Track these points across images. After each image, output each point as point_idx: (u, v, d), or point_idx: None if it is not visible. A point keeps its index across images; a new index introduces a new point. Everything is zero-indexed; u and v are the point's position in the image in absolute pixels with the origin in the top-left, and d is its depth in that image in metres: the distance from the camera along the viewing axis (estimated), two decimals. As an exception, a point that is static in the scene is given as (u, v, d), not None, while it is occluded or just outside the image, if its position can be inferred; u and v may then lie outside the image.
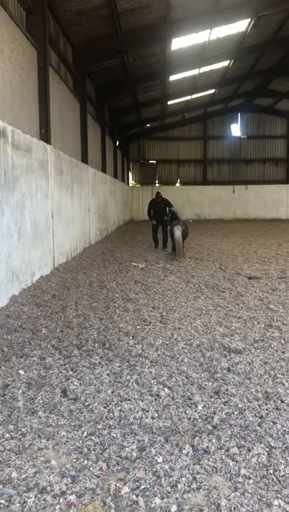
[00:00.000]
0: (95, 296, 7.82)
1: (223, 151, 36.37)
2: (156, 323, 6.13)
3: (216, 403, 3.79)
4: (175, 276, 9.71)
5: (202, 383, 4.18)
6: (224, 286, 8.61)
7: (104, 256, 13.02)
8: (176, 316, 6.50)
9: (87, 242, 14.89)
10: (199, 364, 4.67)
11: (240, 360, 4.75)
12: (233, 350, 5.07)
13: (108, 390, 4.04)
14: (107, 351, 5.03)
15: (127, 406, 3.73)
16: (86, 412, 3.67)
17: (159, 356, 4.88)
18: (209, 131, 36.11)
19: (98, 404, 3.77)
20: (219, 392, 4.00)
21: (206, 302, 7.39)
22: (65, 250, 11.45)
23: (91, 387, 4.10)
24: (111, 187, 22.25)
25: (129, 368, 4.55)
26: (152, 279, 9.44)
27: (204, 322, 6.20)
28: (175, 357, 4.86)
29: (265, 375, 4.38)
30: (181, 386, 4.13)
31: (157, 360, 4.76)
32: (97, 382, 4.19)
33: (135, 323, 6.13)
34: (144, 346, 5.19)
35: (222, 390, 4.01)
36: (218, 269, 10.72)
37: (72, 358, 4.83)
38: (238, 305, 7.19)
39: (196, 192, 34.98)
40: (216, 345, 5.23)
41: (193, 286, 8.64)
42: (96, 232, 16.98)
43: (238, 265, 11.16)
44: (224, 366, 4.58)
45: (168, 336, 5.60)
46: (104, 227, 19.56)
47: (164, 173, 36.60)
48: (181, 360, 4.77)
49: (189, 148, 36.28)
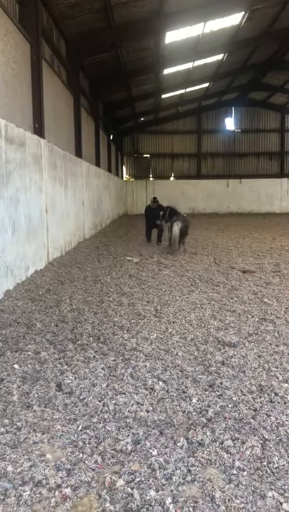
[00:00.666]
0: (89, 291, 7.81)
1: (218, 145, 36.34)
2: (150, 317, 6.14)
3: (211, 396, 3.81)
4: (169, 271, 9.71)
5: (196, 377, 4.19)
6: (218, 280, 8.63)
7: (99, 250, 13.00)
8: (170, 310, 6.51)
9: (81, 237, 14.86)
10: (194, 358, 4.69)
11: (235, 353, 4.76)
12: (227, 343, 5.09)
13: (103, 383, 4.04)
14: (102, 345, 5.04)
15: (122, 399, 3.74)
16: (81, 406, 3.67)
17: (153, 350, 4.89)
18: (203, 124, 36.06)
19: (93, 398, 3.78)
20: (213, 385, 4.02)
21: (200, 296, 7.41)
22: (59, 245, 11.43)
23: (86, 381, 4.11)
24: (105, 181, 22.18)
25: (123, 361, 4.56)
26: (147, 273, 9.44)
27: (198, 316, 6.22)
28: (169, 351, 4.87)
29: (259, 368, 4.40)
30: (176, 379, 4.14)
31: (152, 354, 4.77)
32: (92, 376, 4.20)
33: (130, 317, 6.14)
34: (139, 340, 5.19)
35: (216, 384, 4.03)
36: (213, 263, 10.74)
37: (67, 352, 4.83)
38: (232, 299, 7.21)
39: (191, 186, 34.99)
40: (211, 339, 5.25)
41: (187, 280, 8.65)
42: (90, 226, 16.94)
43: (232, 259, 11.18)
44: (218, 360, 4.60)
45: (162, 329, 5.61)
46: (99, 221, 19.52)
47: (158, 167, 36.53)
48: (175, 353, 4.78)
49: (183, 142, 36.22)
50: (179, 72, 23.43)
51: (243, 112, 35.87)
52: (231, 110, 35.89)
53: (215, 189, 35.13)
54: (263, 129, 35.99)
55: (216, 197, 35.07)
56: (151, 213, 14.45)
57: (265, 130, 36.00)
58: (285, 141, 36.01)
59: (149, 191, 34.63)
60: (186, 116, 35.48)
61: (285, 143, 36.03)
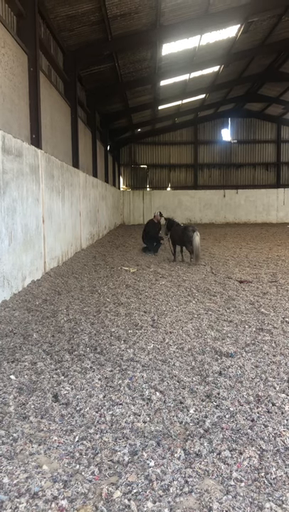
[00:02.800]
0: (86, 301, 7.81)
1: (214, 156, 36.57)
2: (147, 328, 6.14)
3: (208, 407, 3.80)
4: (166, 281, 9.72)
5: (194, 387, 4.19)
6: (215, 290, 8.64)
7: (96, 260, 13.01)
8: (167, 320, 6.52)
9: (78, 247, 14.88)
10: (191, 368, 4.69)
11: (232, 363, 4.77)
12: (224, 353, 5.10)
13: (100, 394, 4.04)
14: (99, 356, 5.03)
15: (119, 410, 3.74)
16: (78, 417, 3.66)
17: (150, 360, 4.89)
18: (200, 135, 36.31)
19: (90, 409, 3.77)
20: (211, 395, 4.02)
21: (197, 306, 7.42)
22: (56, 255, 11.43)
23: (83, 391, 4.10)
24: (102, 191, 22.26)
25: (120, 372, 4.56)
26: (144, 283, 9.46)
27: (196, 326, 6.23)
28: (167, 361, 4.87)
29: (257, 378, 4.40)
30: (173, 390, 4.14)
31: (149, 365, 4.77)
32: (88, 387, 4.19)
33: (127, 328, 6.14)
34: (136, 350, 5.19)
35: (214, 394, 4.03)
36: (210, 273, 10.76)
37: (63, 362, 4.82)
38: (229, 309, 7.23)
39: (188, 196, 35.13)
40: (208, 349, 5.25)
41: (184, 290, 8.66)
42: (87, 236, 16.97)
43: (229, 269, 11.21)
44: (216, 370, 4.60)
45: (159, 340, 5.61)
46: (96, 231, 19.56)
47: (155, 178, 36.70)
48: (172, 364, 4.78)
49: (180, 153, 36.44)
50: (175, 84, 23.66)
51: (239, 123, 36.17)
52: (228, 121, 36.18)
53: (212, 199, 35.28)
54: (259, 140, 36.27)
55: (213, 207, 35.22)
56: (152, 228, 14.50)
57: (262, 141, 36.28)
58: (281, 152, 36.29)
59: (146, 201, 34.79)
60: (183, 127, 35.74)
61: (281, 153, 36.31)
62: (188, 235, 12.06)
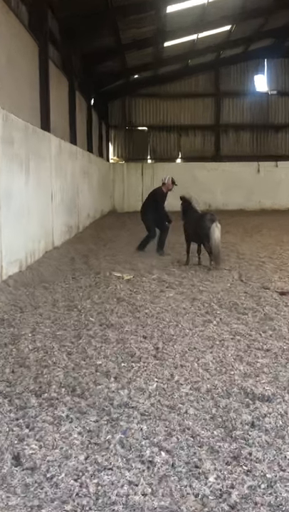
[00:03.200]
0: (60, 321, 7.80)
1: (244, 114, 36.63)
2: (148, 359, 6.13)
3: (235, 473, 3.79)
4: (176, 292, 9.71)
5: (215, 444, 4.18)
6: (246, 306, 8.63)
7: (75, 263, 13.00)
8: (177, 349, 6.50)
9: (49, 243, 14.87)
10: (210, 417, 4.68)
11: (269, 410, 4.76)
12: (258, 396, 5.09)
13: (80, 455, 4.03)
14: (79, 400, 5.02)
15: (108, 478, 3.73)
16: (48, 488, 3.65)
17: (152, 406, 4.88)
18: (223, 84, 36.35)
19: (66, 476, 3.76)
20: (239, 456, 4.01)
21: (219, 329, 7.41)
22: (17, 256, 11.42)
23: (55, 451, 4.09)
24: (84, 164, 22.26)
25: (110, 423, 4.54)
26: (143, 295, 9.44)
27: (217, 357, 6.22)
28: (176, 407, 4.86)
29: (305, 431, 4.40)
30: (185, 449, 4.13)
31: (150, 412, 4.76)
32: (64, 445, 4.18)
33: (119, 360, 6.13)
34: (132, 392, 5.19)
35: (243, 454, 4.02)
36: (237, 281, 10.75)
37: (28, 409, 4.82)
38: (265, 332, 7.22)
39: (206, 171, 35.07)
40: (235, 390, 5.24)
41: (201, 306, 8.65)
42: (62, 228, 16.97)
43: (266, 276, 11.19)
44: (246, 420, 4.59)
45: (166, 377, 5.60)
46: (75, 221, 19.55)
47: (159, 145, 36.78)
48: (184, 411, 4.77)
49: (195, 110, 36.50)
50: (189, 10, 23.66)
51: (279, 66, 36.22)
52: (263, 64, 36.24)
53: (240, 176, 35.23)
54: (310, 90, 36.37)
55: (242, 187, 35.14)
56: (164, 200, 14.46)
57: (313, 91, 36.38)
58: None
59: (146, 179, 34.72)
60: (199, 72, 35.78)
61: None
62: (203, 225, 12.00)
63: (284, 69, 36.28)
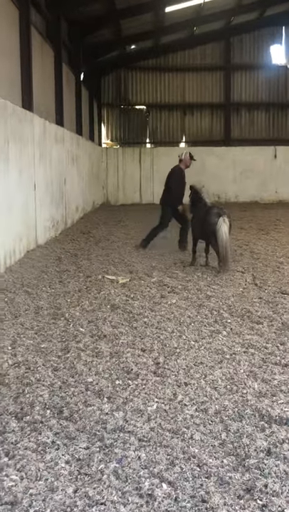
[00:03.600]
0: (45, 332, 7.79)
1: (258, 90, 36.65)
2: (147, 376, 6.12)
3: (248, 508, 3.79)
4: (179, 297, 9.70)
5: (225, 475, 4.18)
6: (260, 314, 8.63)
7: (62, 264, 13.00)
8: (180, 364, 6.49)
9: (32, 241, 14.86)
10: (220, 443, 4.68)
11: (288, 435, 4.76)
12: (275, 419, 5.09)
13: (68, 487, 4.02)
14: (67, 423, 5.02)
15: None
16: (31, 526, 3.66)
17: (152, 431, 4.87)
18: (235, 56, 36.38)
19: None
20: (253, 489, 4.01)
21: (230, 340, 7.40)
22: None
23: (39, 482, 4.09)
24: (72, 149, 22.24)
25: (102, 450, 4.54)
26: (141, 302, 9.43)
27: (228, 373, 6.21)
28: (179, 432, 4.86)
29: None
30: (190, 480, 4.12)
31: (150, 438, 4.75)
32: (49, 475, 4.18)
33: (113, 377, 6.12)
34: (128, 414, 5.18)
35: (258, 487, 4.02)
36: (251, 284, 10.75)
37: (7, 434, 4.81)
38: (283, 345, 7.21)
39: (215, 157, 35.06)
40: (248, 412, 5.24)
41: (209, 314, 8.65)
42: (47, 224, 16.95)
43: (284, 279, 11.19)
44: (261, 446, 4.59)
45: (168, 396, 5.60)
46: (61, 215, 19.54)
47: (160, 127, 36.78)
48: (189, 436, 4.77)
49: (202, 86, 36.50)
50: None
51: (300, 36, 36.26)
52: (281, 32, 36.20)
53: (255, 162, 35.25)
54: None
55: (257, 175, 35.16)
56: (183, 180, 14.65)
57: None
58: None
59: (145, 166, 34.76)
60: (207, 42, 35.77)
61: None
62: (210, 221, 11.95)
63: (305, 38, 36.34)
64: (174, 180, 14.71)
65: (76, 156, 23.35)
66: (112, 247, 15.68)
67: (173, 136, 36.81)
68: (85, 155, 26.57)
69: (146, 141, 36.93)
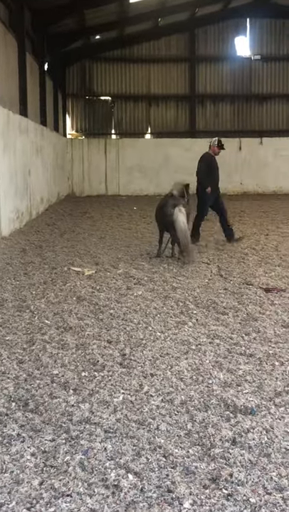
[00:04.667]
0: (9, 324, 7.74)
1: (223, 82, 36.69)
2: (114, 368, 6.12)
3: (214, 497, 3.81)
4: (145, 289, 9.71)
5: (190, 465, 4.19)
6: (226, 305, 8.68)
7: (26, 256, 12.92)
8: (147, 356, 6.50)
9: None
10: (185, 433, 4.69)
11: (253, 425, 4.79)
12: (240, 409, 5.12)
13: (34, 479, 4.01)
14: (32, 415, 5.00)
15: (66, 506, 3.71)
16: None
17: (118, 422, 4.88)
18: (200, 48, 36.36)
19: (17, 505, 3.74)
20: (218, 478, 4.02)
21: (196, 331, 7.43)
22: None
23: (5, 475, 4.06)
24: (36, 140, 22.08)
25: (68, 442, 4.53)
26: (107, 293, 9.43)
27: (193, 364, 6.23)
28: (145, 422, 4.87)
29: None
30: (156, 471, 4.13)
31: (116, 429, 4.75)
32: (14, 468, 4.15)
33: (79, 369, 6.11)
34: (94, 406, 5.17)
35: (223, 476, 4.04)
36: (216, 275, 10.80)
37: (-28, 427, 4.79)
38: (248, 335, 7.26)
39: (180, 149, 35.02)
40: (214, 402, 5.26)
41: (175, 305, 8.67)
42: (10, 215, 16.82)
43: (249, 270, 11.27)
44: (226, 436, 4.61)
45: (134, 388, 5.60)
46: (26, 206, 19.41)
47: (125, 118, 36.65)
48: (155, 427, 4.78)
49: (167, 77, 36.43)
50: None
51: (264, 27, 36.34)
52: (245, 24, 36.31)
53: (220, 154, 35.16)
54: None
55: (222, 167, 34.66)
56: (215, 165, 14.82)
57: (302, 57, 36.59)
58: None
59: (110, 157, 34.65)
60: (172, 33, 35.69)
61: None
62: (166, 212, 12.07)
63: (269, 30, 36.34)
64: (200, 166, 14.83)
65: (40, 147, 23.20)
66: (77, 239, 15.63)
67: (138, 127, 36.74)
68: (50, 146, 26.41)
69: (111, 132, 36.80)
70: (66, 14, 26.52)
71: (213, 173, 14.84)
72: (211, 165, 14.86)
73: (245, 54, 36.38)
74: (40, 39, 26.25)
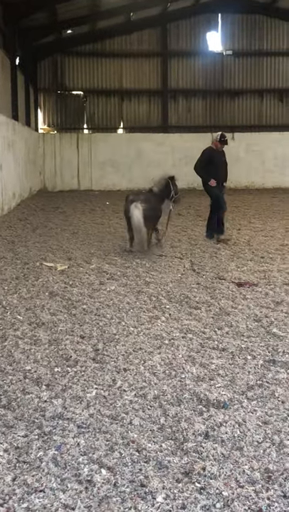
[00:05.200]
0: (-18, 320, 7.72)
1: (195, 77, 36.71)
2: (87, 363, 6.12)
3: (187, 491, 3.82)
4: (118, 284, 9.71)
5: (163, 459, 4.21)
6: (198, 299, 8.71)
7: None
8: (120, 351, 6.51)
9: None
10: (158, 428, 4.71)
11: (226, 418, 4.82)
12: (213, 403, 5.14)
13: (6, 475, 3.99)
14: (4, 411, 4.98)
15: (39, 501, 3.71)
16: None
17: (91, 417, 4.88)
18: (172, 43, 36.34)
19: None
20: (191, 472, 4.04)
21: (169, 326, 7.44)
22: None
23: (-22, 472, 4.06)
24: (8, 135, 21.94)
25: (41, 438, 4.52)
26: (80, 288, 9.41)
27: (166, 358, 6.25)
28: (118, 417, 4.87)
29: (266, 442, 4.47)
30: (129, 465, 4.14)
31: (89, 424, 4.75)
32: (-13, 465, 4.15)
33: (52, 364, 6.10)
34: (67, 401, 5.17)
35: (196, 470, 4.06)
36: (189, 270, 10.83)
37: None
38: (220, 329, 7.29)
39: (153, 143, 35.02)
40: (186, 396, 5.28)
41: (148, 300, 8.68)
42: (-17, 211, 16.74)
43: (221, 264, 11.31)
44: (199, 430, 4.63)
45: (107, 382, 5.61)
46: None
47: (97, 112, 36.54)
48: (128, 422, 4.79)
49: (139, 72, 36.38)
50: None
51: (236, 23, 36.41)
52: (217, 19, 36.35)
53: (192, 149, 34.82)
54: (270, 51, 36.67)
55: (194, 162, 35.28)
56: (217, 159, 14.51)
57: (273, 52, 36.69)
58: (305, 71, 36.82)
59: (82, 152, 34.51)
60: (143, 28, 35.63)
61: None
62: (125, 207, 12.47)
63: (241, 25, 36.39)
64: (197, 161, 14.84)
65: (12, 142, 23.05)
66: (49, 234, 15.58)
67: (111, 122, 36.64)
68: (22, 140, 26.24)
69: (83, 126, 36.66)
70: (38, 8, 26.39)
71: (215, 167, 14.56)
72: (210, 159, 14.57)
73: (217, 49, 36.43)
74: (11, 33, 26.04)
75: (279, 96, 37.11)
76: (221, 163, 14.73)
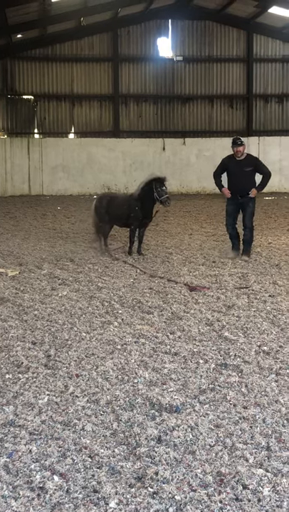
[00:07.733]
0: None
1: (146, 82, 36.78)
2: (38, 369, 6.10)
3: (140, 496, 3.83)
4: (70, 289, 9.68)
5: (116, 464, 4.21)
6: (151, 304, 8.74)
7: None
8: (72, 356, 6.50)
9: None
10: (111, 433, 4.71)
11: (178, 423, 4.84)
12: (165, 407, 5.17)
13: None
14: None
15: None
16: None
17: (43, 424, 4.86)
18: (123, 48, 36.35)
19: None
20: (144, 477, 4.05)
21: (121, 330, 7.46)
22: None
23: None
24: None
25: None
26: (32, 294, 9.37)
27: (119, 363, 6.26)
28: (71, 423, 4.86)
29: (218, 445, 4.50)
30: (82, 471, 4.14)
31: (41, 431, 4.73)
32: None
33: (3, 371, 6.06)
34: (19, 408, 5.14)
35: (148, 474, 4.07)
36: (141, 274, 10.85)
37: None
38: (173, 334, 7.33)
39: (104, 148, 35.02)
40: (139, 401, 5.30)
41: (100, 305, 8.69)
42: None
43: (173, 269, 11.37)
44: (152, 435, 4.65)
45: (59, 388, 5.60)
46: None
47: (48, 117, 36.35)
48: (80, 428, 4.78)
49: (90, 76, 36.30)
50: None
51: (186, 29, 36.60)
52: (167, 25, 36.50)
53: (144, 154, 35.45)
54: (220, 57, 36.88)
55: (146, 167, 35.25)
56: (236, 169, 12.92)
57: (223, 59, 36.90)
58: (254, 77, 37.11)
59: (33, 156, 34.27)
60: (95, 33, 35.60)
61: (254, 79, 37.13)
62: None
63: (190, 32, 36.58)
64: (217, 169, 13.49)
65: None
66: (0, 239, 15.43)
67: (62, 126, 36.42)
68: (-28, 145, 26.02)
69: (34, 131, 36.41)
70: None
71: (229, 176, 13.18)
72: (225, 168, 13.31)
73: (168, 55, 36.58)
74: None
75: (229, 102, 37.41)
76: (238, 173, 12.87)
